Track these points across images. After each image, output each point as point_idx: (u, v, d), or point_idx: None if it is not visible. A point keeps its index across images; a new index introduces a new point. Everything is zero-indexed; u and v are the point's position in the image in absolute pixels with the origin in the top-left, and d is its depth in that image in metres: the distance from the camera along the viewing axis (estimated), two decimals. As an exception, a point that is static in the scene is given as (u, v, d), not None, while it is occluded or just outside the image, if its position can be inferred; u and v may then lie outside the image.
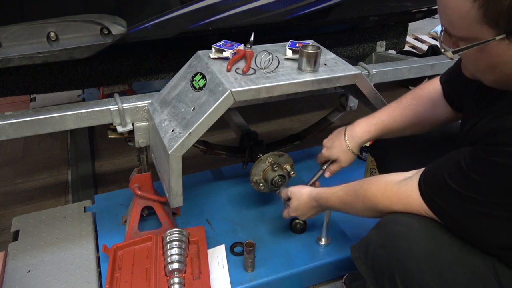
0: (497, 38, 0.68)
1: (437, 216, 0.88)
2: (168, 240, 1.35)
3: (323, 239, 1.49)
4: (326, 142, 1.30)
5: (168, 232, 1.37)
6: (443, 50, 0.77)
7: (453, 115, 1.15)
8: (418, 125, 1.18)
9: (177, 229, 1.38)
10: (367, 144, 1.35)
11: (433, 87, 1.17)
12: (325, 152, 1.29)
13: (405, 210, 0.92)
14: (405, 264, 0.88)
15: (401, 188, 0.93)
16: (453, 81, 1.11)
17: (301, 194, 1.24)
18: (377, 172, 1.59)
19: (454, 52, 0.75)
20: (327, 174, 1.32)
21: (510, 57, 0.70)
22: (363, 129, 1.22)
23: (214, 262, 1.40)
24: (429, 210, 0.88)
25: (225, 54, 1.26)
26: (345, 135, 1.24)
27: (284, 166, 1.45)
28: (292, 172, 1.46)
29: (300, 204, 1.25)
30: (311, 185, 1.32)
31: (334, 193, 1.12)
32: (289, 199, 1.29)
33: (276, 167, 1.43)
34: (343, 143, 1.23)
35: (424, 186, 0.89)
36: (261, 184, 1.47)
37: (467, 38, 0.72)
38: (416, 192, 0.90)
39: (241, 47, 1.30)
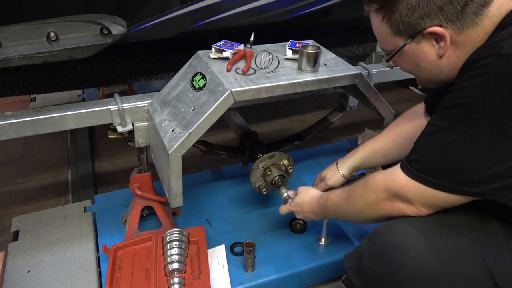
0: (407, 43, 0.90)
1: (418, 179, 0.87)
2: (168, 240, 1.35)
3: (323, 239, 1.49)
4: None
5: (168, 232, 1.37)
6: (381, 62, 1.00)
7: None
8: (401, 143, 1.23)
9: (177, 229, 1.38)
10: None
11: (417, 107, 1.26)
12: (318, 175, 1.39)
13: (392, 191, 0.93)
14: (397, 275, 0.88)
15: (387, 171, 0.97)
16: (433, 96, 1.18)
17: (307, 193, 1.27)
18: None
19: (387, 60, 0.97)
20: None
21: (422, 54, 0.91)
22: (351, 153, 1.33)
23: (214, 262, 1.40)
24: (411, 180, 0.88)
25: (225, 54, 1.26)
26: (337, 160, 1.36)
27: (281, 162, 1.45)
28: (290, 167, 1.47)
29: (303, 202, 1.26)
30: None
31: (334, 191, 1.15)
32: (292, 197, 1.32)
33: (269, 171, 1.43)
34: (334, 164, 1.35)
35: (405, 158, 0.92)
36: (264, 190, 1.48)
37: (393, 51, 0.94)
38: (399, 169, 0.92)
39: (241, 47, 1.30)
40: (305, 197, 1.26)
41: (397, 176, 0.91)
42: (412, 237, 0.88)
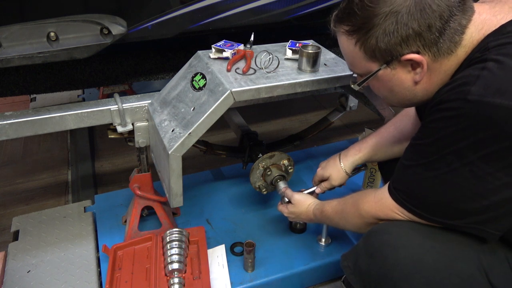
0: (381, 68, 0.88)
1: (403, 206, 0.91)
2: (168, 240, 1.35)
3: (323, 239, 1.49)
4: (322, 163, 1.37)
5: (168, 232, 1.37)
6: (352, 85, 0.99)
7: None
8: (401, 140, 1.24)
9: (177, 229, 1.38)
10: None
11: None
12: (319, 171, 1.36)
13: (381, 213, 0.96)
14: (391, 273, 0.89)
15: (377, 192, 0.99)
16: None
17: (302, 204, 1.29)
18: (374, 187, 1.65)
19: (358, 85, 0.96)
20: (318, 190, 1.36)
21: (398, 80, 0.89)
22: (355, 149, 1.31)
23: (214, 262, 1.40)
24: (397, 205, 0.92)
25: (225, 54, 1.26)
26: (339, 156, 1.33)
27: (281, 162, 1.46)
28: (290, 167, 1.47)
29: (299, 211, 1.30)
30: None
31: (329, 203, 1.18)
32: (289, 201, 1.33)
33: (269, 171, 1.44)
34: (336, 162, 1.32)
35: (391, 183, 0.95)
36: (264, 190, 1.49)
37: (364, 74, 0.92)
38: (386, 193, 0.95)
39: (241, 47, 1.30)
40: (301, 208, 1.29)
41: (386, 200, 0.95)
42: (406, 236, 0.90)
